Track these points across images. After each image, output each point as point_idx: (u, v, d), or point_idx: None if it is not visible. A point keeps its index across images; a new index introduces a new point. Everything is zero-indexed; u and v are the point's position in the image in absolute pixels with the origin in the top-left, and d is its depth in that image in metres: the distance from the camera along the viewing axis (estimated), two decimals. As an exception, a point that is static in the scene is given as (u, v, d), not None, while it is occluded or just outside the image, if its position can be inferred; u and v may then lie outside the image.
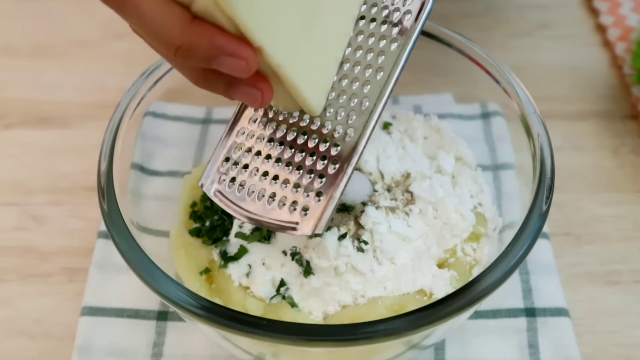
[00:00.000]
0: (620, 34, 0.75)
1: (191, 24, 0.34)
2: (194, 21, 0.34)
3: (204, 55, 0.34)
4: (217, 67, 0.35)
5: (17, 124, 0.70)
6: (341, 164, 0.42)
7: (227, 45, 0.34)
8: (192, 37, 0.34)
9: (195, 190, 0.55)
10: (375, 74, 0.42)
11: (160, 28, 0.34)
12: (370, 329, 0.39)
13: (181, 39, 0.34)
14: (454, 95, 0.63)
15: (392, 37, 0.42)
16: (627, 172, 0.65)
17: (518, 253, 0.42)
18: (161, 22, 0.34)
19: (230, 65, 0.35)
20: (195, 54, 0.34)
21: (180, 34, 0.34)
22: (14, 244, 0.60)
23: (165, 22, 0.34)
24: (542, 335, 0.53)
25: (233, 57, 0.34)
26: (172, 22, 0.34)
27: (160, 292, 0.41)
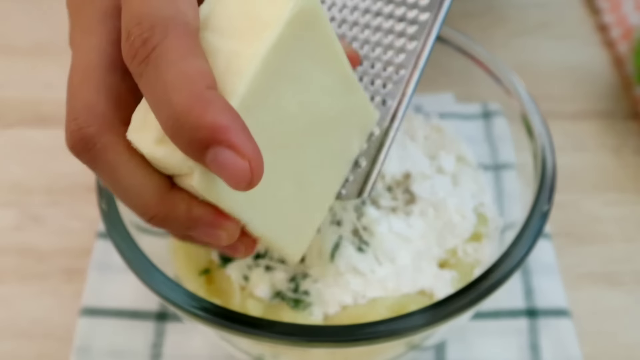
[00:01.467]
0: (622, 33, 0.75)
1: (169, 194, 0.31)
2: (172, 190, 0.32)
3: (181, 226, 0.32)
4: (196, 238, 0.33)
5: (16, 124, 0.70)
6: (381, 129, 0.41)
7: (206, 217, 0.32)
8: (169, 208, 0.31)
9: (194, 190, 0.55)
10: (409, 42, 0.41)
11: (136, 196, 0.31)
12: (370, 330, 0.39)
13: (156, 210, 0.32)
14: (455, 95, 0.63)
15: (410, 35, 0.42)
16: (629, 172, 0.65)
17: (519, 254, 0.42)
18: (137, 191, 0.31)
19: (210, 236, 0.32)
20: (172, 224, 0.32)
21: (155, 205, 0.31)
22: (12, 244, 0.60)
23: (142, 190, 0.31)
24: (543, 336, 0.53)
25: (212, 229, 0.32)
26: (149, 192, 0.31)
27: (159, 293, 0.41)
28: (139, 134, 0.31)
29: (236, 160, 0.27)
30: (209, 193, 0.31)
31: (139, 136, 0.31)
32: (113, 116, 0.31)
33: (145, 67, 0.29)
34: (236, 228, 0.33)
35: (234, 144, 0.27)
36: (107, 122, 0.31)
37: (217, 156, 0.27)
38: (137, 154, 0.31)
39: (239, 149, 0.27)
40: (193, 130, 0.27)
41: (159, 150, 0.30)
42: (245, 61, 0.30)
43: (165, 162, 0.31)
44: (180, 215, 0.32)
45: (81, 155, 0.32)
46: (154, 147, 0.30)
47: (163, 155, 0.30)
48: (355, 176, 0.42)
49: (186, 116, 0.27)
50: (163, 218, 0.32)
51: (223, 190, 0.30)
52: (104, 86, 0.32)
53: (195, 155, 0.28)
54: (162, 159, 0.31)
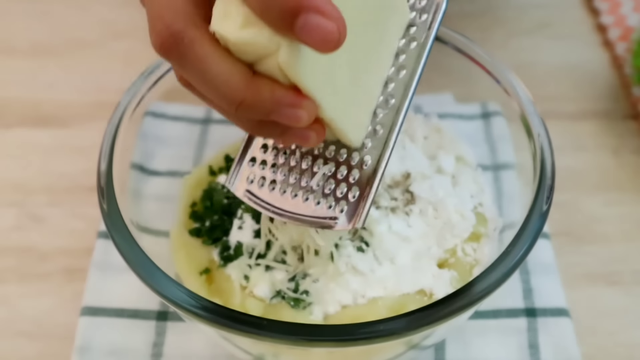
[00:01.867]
0: (620, 34, 0.75)
1: (253, 79, 0.34)
2: (255, 76, 0.34)
3: (266, 109, 0.34)
4: (278, 119, 0.35)
5: (16, 124, 0.70)
6: (374, 156, 0.42)
7: (288, 98, 0.34)
8: (255, 92, 0.34)
9: (195, 190, 0.55)
10: (398, 71, 0.42)
11: (224, 84, 0.34)
12: (370, 329, 0.39)
13: (244, 94, 0.34)
14: (454, 95, 0.63)
15: (411, 36, 0.43)
16: (627, 172, 0.65)
17: (518, 253, 0.42)
18: (225, 78, 0.34)
19: (291, 117, 0.35)
20: (258, 108, 0.34)
21: (243, 90, 0.34)
22: (13, 244, 0.60)
23: (229, 77, 0.34)
24: (542, 335, 0.53)
25: (294, 109, 0.34)
26: (236, 78, 0.34)
27: (160, 292, 0.41)
28: (223, 24, 0.33)
29: (325, 22, 0.30)
30: (293, 69, 0.33)
31: (222, 25, 0.33)
32: (195, 13, 0.34)
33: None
34: (314, 107, 0.35)
35: (321, 8, 0.30)
36: (191, 18, 0.34)
37: (307, 21, 0.30)
38: (221, 46, 0.34)
39: (326, 12, 0.30)
40: (283, 1, 0.30)
41: (245, 33, 0.33)
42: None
43: (253, 42, 0.33)
44: (265, 98, 0.34)
45: (170, 52, 0.34)
46: (240, 32, 0.33)
47: (251, 36, 0.33)
48: (348, 206, 0.42)
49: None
50: (250, 103, 0.34)
51: (305, 69, 0.33)
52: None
53: (285, 25, 0.31)
54: (250, 40, 0.33)
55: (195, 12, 0.34)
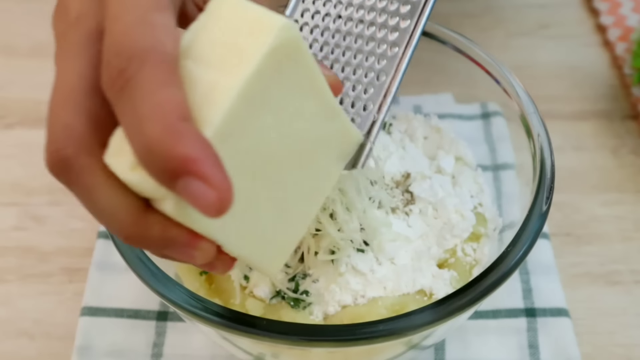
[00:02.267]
0: (620, 34, 0.75)
1: (144, 215, 0.32)
2: (147, 211, 0.32)
3: (156, 245, 0.33)
4: (171, 257, 0.34)
5: (17, 124, 0.70)
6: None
7: (181, 238, 0.32)
8: (144, 228, 0.32)
9: (195, 190, 0.55)
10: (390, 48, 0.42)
11: (111, 217, 0.32)
12: (370, 329, 0.39)
13: (131, 230, 0.32)
14: (454, 95, 0.63)
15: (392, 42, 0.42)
16: (627, 172, 0.65)
17: (518, 253, 0.42)
18: (112, 211, 0.32)
19: (184, 256, 0.33)
20: (147, 243, 0.33)
21: (131, 225, 0.32)
22: (13, 244, 0.60)
23: (117, 211, 0.32)
24: (542, 335, 0.53)
25: (187, 249, 0.32)
26: (123, 213, 0.32)
27: (160, 293, 0.41)
28: (116, 159, 0.31)
29: (205, 190, 0.28)
30: (182, 217, 0.31)
31: (115, 160, 0.31)
32: (91, 138, 0.32)
33: (120, 96, 0.30)
34: (211, 248, 0.33)
35: (203, 174, 0.28)
36: (84, 144, 0.32)
37: (187, 186, 0.28)
38: (113, 176, 0.32)
39: (208, 179, 0.28)
40: (164, 161, 0.28)
41: (133, 175, 0.31)
42: (222, 92, 0.31)
43: (139, 187, 0.31)
44: (155, 236, 0.32)
45: (59, 177, 0.32)
46: (129, 173, 0.31)
47: (137, 181, 0.31)
48: None
49: (157, 147, 0.28)
50: (138, 238, 0.32)
51: (196, 215, 0.30)
52: (83, 109, 0.32)
53: (166, 184, 0.29)
54: (136, 185, 0.31)
55: (93, 137, 0.32)
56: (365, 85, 0.42)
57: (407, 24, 0.42)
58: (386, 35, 0.42)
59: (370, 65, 0.42)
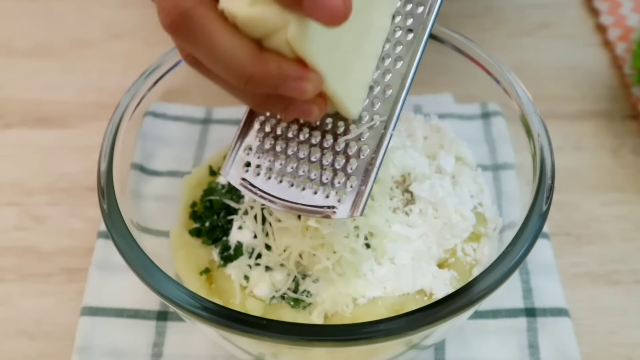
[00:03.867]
0: (620, 34, 0.75)
1: (261, 54, 0.35)
2: (263, 51, 0.35)
3: (273, 82, 0.35)
4: (285, 92, 0.36)
5: (17, 124, 0.70)
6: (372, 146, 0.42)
7: (295, 71, 0.35)
8: (263, 66, 0.35)
9: (195, 190, 0.55)
10: (394, 62, 0.43)
11: (232, 59, 0.35)
12: (370, 329, 0.39)
13: (252, 69, 0.35)
14: (454, 95, 0.63)
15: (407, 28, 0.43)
16: (627, 172, 0.65)
17: (518, 253, 0.42)
18: (234, 54, 0.35)
19: (297, 90, 0.36)
20: (266, 81, 0.35)
21: (251, 64, 0.35)
22: (13, 244, 0.60)
23: (238, 53, 0.35)
24: (542, 335, 0.53)
25: (300, 81, 0.36)
26: (244, 53, 0.35)
27: (160, 292, 0.41)
28: (232, 1, 0.34)
29: None
30: (301, 44, 0.34)
31: (232, 3, 0.34)
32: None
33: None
34: (319, 80, 0.36)
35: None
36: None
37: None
38: (229, 23, 0.35)
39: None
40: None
41: (254, 10, 0.34)
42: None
43: (261, 19, 0.34)
44: (273, 72, 0.35)
45: (180, 30, 0.35)
46: (249, 9, 0.34)
47: (260, 13, 0.34)
48: (347, 195, 0.42)
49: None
50: (258, 77, 0.35)
51: (312, 43, 0.35)
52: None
53: (293, 2, 0.32)
54: (258, 17, 0.34)
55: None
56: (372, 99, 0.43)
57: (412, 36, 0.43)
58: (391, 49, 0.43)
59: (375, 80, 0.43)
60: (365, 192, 0.41)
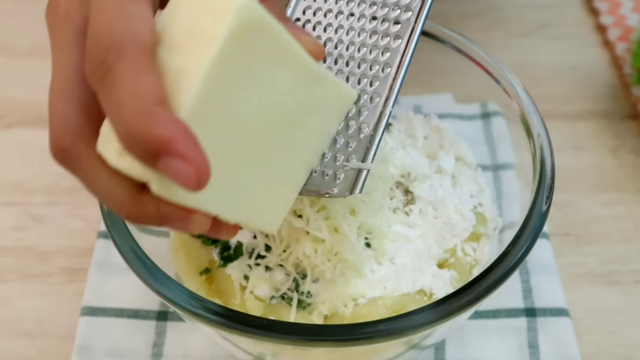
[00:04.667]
0: (620, 34, 0.75)
1: (139, 196, 0.34)
2: (142, 193, 0.34)
3: (154, 221, 0.35)
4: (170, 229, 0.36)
5: (17, 124, 0.70)
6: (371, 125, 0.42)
7: (175, 214, 0.34)
8: (140, 208, 0.34)
9: (195, 190, 0.55)
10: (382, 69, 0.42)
11: (109, 198, 0.35)
12: (370, 329, 0.39)
13: (129, 210, 0.35)
14: (454, 95, 0.63)
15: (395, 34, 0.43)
16: (627, 172, 0.65)
17: (518, 253, 0.42)
18: (111, 194, 0.34)
19: (182, 228, 0.35)
20: (145, 220, 0.35)
21: (128, 206, 0.34)
22: (13, 244, 0.60)
23: (114, 193, 0.34)
24: (542, 335, 0.53)
25: (183, 222, 0.35)
26: (120, 195, 0.34)
27: (160, 293, 0.41)
28: (105, 146, 0.34)
29: (183, 166, 0.30)
30: (168, 195, 0.33)
31: (105, 148, 0.34)
32: (86, 128, 0.35)
33: (102, 85, 0.32)
34: (204, 219, 0.35)
35: (180, 152, 0.30)
36: (80, 133, 0.35)
37: (167, 165, 0.30)
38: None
39: (185, 156, 0.30)
40: (143, 143, 0.31)
41: (120, 161, 0.33)
42: (190, 77, 0.32)
43: (128, 172, 0.33)
44: (151, 214, 0.34)
45: (61, 164, 0.36)
46: (117, 159, 0.33)
47: (124, 166, 0.33)
48: (345, 174, 0.42)
49: (136, 130, 0.30)
50: (137, 216, 0.35)
51: (180, 191, 0.33)
52: (77, 100, 0.35)
53: (149, 165, 0.31)
54: (124, 170, 0.33)
55: (88, 126, 0.35)
56: (371, 78, 0.42)
57: (409, 15, 0.42)
58: (389, 28, 0.42)
59: (374, 58, 0.42)
60: (364, 170, 0.41)
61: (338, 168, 0.42)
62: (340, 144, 0.42)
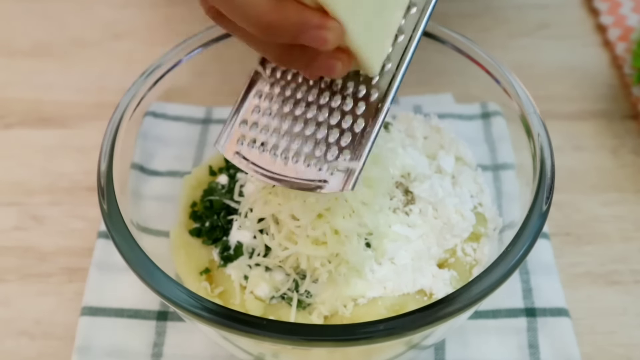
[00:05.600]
0: (620, 34, 0.75)
1: (280, 2, 0.35)
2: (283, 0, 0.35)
3: (293, 30, 0.35)
4: (304, 41, 0.36)
5: (17, 124, 0.70)
6: (368, 120, 0.41)
7: (315, 19, 0.35)
8: (281, 14, 0.35)
9: (195, 190, 0.55)
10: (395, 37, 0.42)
11: (251, 6, 0.35)
12: (370, 329, 0.39)
13: (270, 17, 0.35)
14: (454, 95, 0.63)
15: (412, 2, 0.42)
16: (627, 172, 0.65)
17: (518, 253, 0.42)
18: (252, 1, 0.35)
19: (317, 39, 0.35)
20: (285, 29, 0.35)
21: (270, 12, 0.35)
22: (13, 244, 0.60)
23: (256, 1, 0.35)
24: (542, 335, 0.53)
25: (320, 30, 0.35)
26: (262, 1, 0.35)
27: (160, 292, 0.41)
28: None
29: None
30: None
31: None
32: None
33: None
34: (340, 30, 0.36)
35: None
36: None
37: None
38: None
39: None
40: None
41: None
42: None
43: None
44: (292, 19, 0.35)
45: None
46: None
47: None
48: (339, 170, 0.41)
49: None
50: (276, 25, 0.35)
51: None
52: None
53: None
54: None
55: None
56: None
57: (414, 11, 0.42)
58: None
59: None
60: (358, 166, 0.41)
61: (331, 163, 0.41)
62: (334, 139, 0.42)
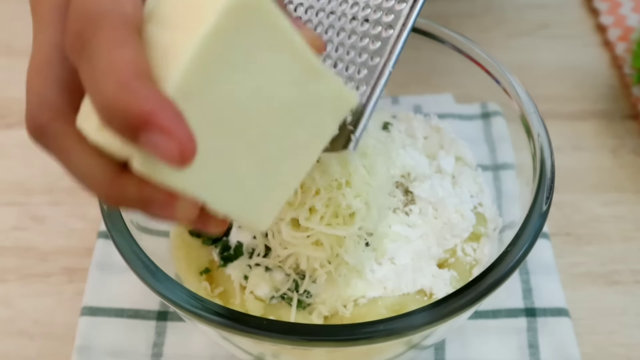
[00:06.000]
0: (620, 34, 0.75)
1: (119, 176, 0.32)
2: (123, 173, 0.32)
3: (135, 205, 0.33)
4: (152, 217, 0.33)
5: (17, 124, 0.70)
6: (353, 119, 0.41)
7: (158, 198, 0.32)
8: (119, 189, 0.32)
9: (195, 190, 0.55)
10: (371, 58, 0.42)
11: (87, 178, 0.33)
12: (370, 329, 0.39)
13: (108, 191, 0.33)
14: (454, 95, 0.63)
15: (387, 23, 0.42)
16: (627, 172, 0.65)
17: (518, 253, 0.42)
18: (87, 173, 0.33)
19: (165, 215, 0.33)
20: (125, 203, 0.33)
21: (107, 186, 0.32)
22: (13, 244, 0.60)
23: (93, 173, 0.32)
24: (542, 335, 0.53)
25: (166, 207, 0.32)
26: (99, 174, 0.32)
27: (160, 293, 0.41)
28: (85, 122, 0.32)
29: (166, 141, 0.29)
30: (152, 174, 0.31)
31: (85, 124, 0.32)
32: (65, 105, 0.33)
33: (80, 58, 0.31)
34: (190, 206, 0.33)
35: (162, 126, 0.29)
36: (57, 111, 0.33)
37: (148, 139, 0.29)
38: (86, 140, 0.33)
39: (168, 130, 0.29)
40: (123, 117, 0.29)
41: (100, 136, 0.32)
42: (181, 51, 0.31)
43: (108, 147, 0.32)
44: (132, 195, 0.32)
45: (37, 142, 0.34)
46: (97, 134, 0.32)
47: (104, 141, 0.32)
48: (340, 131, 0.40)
49: (114, 104, 0.29)
50: (116, 198, 0.33)
51: (165, 170, 0.31)
52: (55, 77, 0.34)
53: (130, 140, 0.30)
54: (104, 145, 0.32)
55: (67, 104, 0.33)
56: (359, 66, 0.42)
57: (403, 6, 0.42)
58: (381, 17, 0.42)
59: (364, 46, 0.42)
60: (358, 130, 0.40)
61: None
62: None
